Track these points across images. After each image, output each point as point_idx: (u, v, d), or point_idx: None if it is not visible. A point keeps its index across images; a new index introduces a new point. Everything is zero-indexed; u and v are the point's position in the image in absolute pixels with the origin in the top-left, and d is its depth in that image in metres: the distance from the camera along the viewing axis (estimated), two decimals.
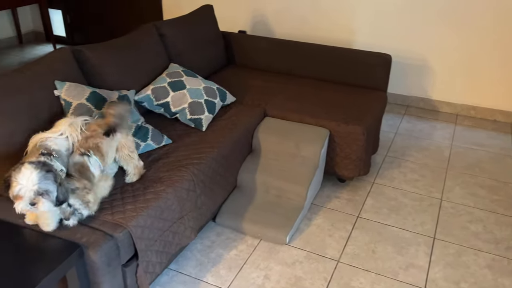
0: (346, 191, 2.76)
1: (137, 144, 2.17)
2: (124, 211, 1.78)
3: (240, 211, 2.41)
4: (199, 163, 2.14)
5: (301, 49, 3.24)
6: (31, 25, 5.61)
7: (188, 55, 2.97)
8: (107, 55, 2.38)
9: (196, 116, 2.45)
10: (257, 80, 3.14)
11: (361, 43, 3.93)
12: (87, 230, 1.67)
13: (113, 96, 2.20)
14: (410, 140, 3.40)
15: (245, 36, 3.47)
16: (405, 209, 2.61)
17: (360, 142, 2.57)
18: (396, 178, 2.91)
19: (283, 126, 2.65)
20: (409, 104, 4.01)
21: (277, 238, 2.29)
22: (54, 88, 2.05)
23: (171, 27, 2.90)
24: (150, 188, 1.92)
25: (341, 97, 2.89)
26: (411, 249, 2.31)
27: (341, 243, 2.33)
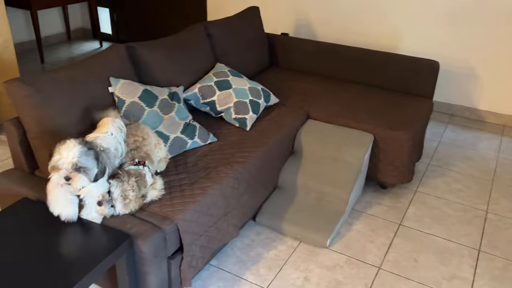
0: (387, 198, 2.72)
1: (185, 141, 2.21)
2: (172, 205, 1.82)
3: (280, 211, 2.42)
4: (244, 162, 2.17)
5: (346, 53, 3.22)
6: (80, 22, 5.81)
7: (233, 55, 3.01)
8: (158, 53, 2.44)
9: (241, 115, 2.48)
10: (300, 82, 3.15)
11: (407, 49, 3.87)
12: (137, 221, 1.72)
13: (163, 93, 2.26)
14: (454, 150, 3.32)
15: (290, 39, 3.48)
16: (448, 219, 2.55)
17: (405, 148, 2.53)
18: (440, 187, 2.85)
19: (326, 129, 2.64)
20: (453, 113, 3.92)
21: (317, 240, 2.28)
22: (108, 84, 2.13)
23: (219, 27, 2.95)
24: (197, 184, 1.96)
25: (386, 103, 2.86)
26: (454, 260, 2.25)
27: (382, 249, 2.30)
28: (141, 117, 2.11)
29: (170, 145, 2.16)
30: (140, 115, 2.11)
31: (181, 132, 2.22)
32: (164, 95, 2.26)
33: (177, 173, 2.04)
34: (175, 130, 2.20)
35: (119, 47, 2.28)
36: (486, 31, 3.54)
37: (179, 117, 2.26)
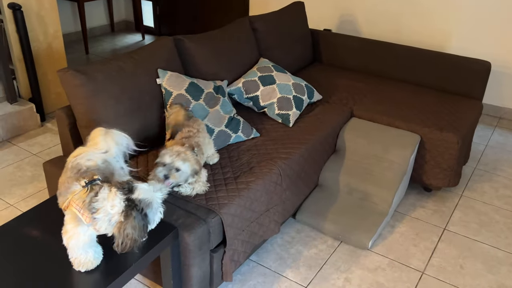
0: (432, 201, 2.64)
1: (229, 134, 2.21)
2: (217, 198, 1.82)
3: (321, 210, 2.38)
4: (287, 158, 2.15)
5: (392, 50, 3.14)
6: (123, 14, 5.92)
7: (277, 50, 2.99)
8: (205, 46, 2.45)
9: (284, 111, 2.46)
10: (344, 79, 3.09)
11: (457, 48, 3.73)
12: (182, 212, 1.73)
13: (209, 87, 2.26)
14: (502, 154, 3.19)
15: (334, 35, 3.42)
16: (496, 226, 2.45)
17: (453, 151, 2.44)
18: (487, 193, 2.74)
19: (371, 128, 2.58)
20: (501, 116, 3.76)
21: (359, 242, 2.24)
22: (156, 76, 2.15)
23: (264, 22, 2.93)
24: (241, 178, 1.95)
25: (434, 103, 2.77)
26: (503, 269, 2.16)
27: (426, 254, 2.23)
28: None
29: (214, 138, 2.16)
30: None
31: (225, 126, 2.22)
32: (210, 89, 2.26)
33: (221, 167, 2.04)
34: (219, 123, 2.20)
35: (167, 40, 2.30)
36: None
37: (224, 111, 2.26)
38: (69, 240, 1.39)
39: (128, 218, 1.31)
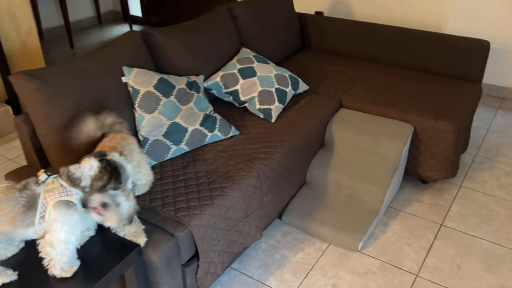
0: (428, 194, 2.48)
1: (204, 134, 2.06)
2: (187, 208, 1.68)
3: (309, 210, 2.23)
4: (267, 158, 1.99)
5: (385, 33, 2.94)
6: (110, 5, 5.73)
7: (261, 38, 2.80)
8: (178, 39, 2.27)
9: (266, 106, 2.29)
10: (334, 66, 2.90)
11: (453, 28, 3.52)
12: (147, 227, 1.59)
13: (181, 83, 2.10)
14: (505, 138, 3.00)
15: (323, 18, 3.22)
16: (497, 219, 2.29)
17: (449, 140, 2.27)
18: (488, 182, 2.57)
19: (360, 119, 2.41)
20: (504, 97, 3.56)
21: (348, 243, 2.09)
22: (122, 74, 1.99)
23: (245, 8, 2.74)
24: (216, 184, 1.80)
25: (429, 88, 2.58)
26: (504, 268, 2.01)
27: (421, 254, 2.08)
28: (157, 108, 1.97)
29: (188, 138, 2.01)
30: (155, 105, 1.97)
31: (200, 124, 2.06)
32: (182, 85, 2.10)
33: (195, 171, 1.89)
34: (193, 122, 2.04)
35: (133, 34, 2.13)
36: None
37: (198, 108, 2.10)
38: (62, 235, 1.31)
39: (105, 169, 1.35)
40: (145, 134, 1.95)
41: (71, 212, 1.33)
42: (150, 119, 1.96)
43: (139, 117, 1.96)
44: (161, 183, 1.83)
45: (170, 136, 1.97)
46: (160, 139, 1.95)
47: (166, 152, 1.97)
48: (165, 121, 1.97)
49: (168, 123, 1.97)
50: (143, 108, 1.96)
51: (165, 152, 1.97)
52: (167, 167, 1.93)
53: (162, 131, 1.96)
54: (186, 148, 2.02)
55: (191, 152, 2.03)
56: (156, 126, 1.96)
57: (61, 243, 1.31)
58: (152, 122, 1.95)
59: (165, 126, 1.97)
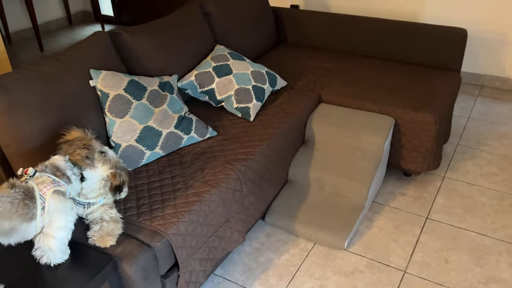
0: (412, 187, 2.44)
1: (180, 136, 1.97)
2: (164, 216, 1.59)
3: (292, 210, 2.17)
4: (246, 159, 1.92)
5: (362, 24, 2.89)
6: (80, 5, 5.55)
7: (235, 35, 2.72)
8: (148, 38, 2.18)
9: (243, 104, 2.22)
10: (311, 60, 2.84)
11: (430, 17, 3.49)
12: (122, 238, 1.50)
13: (153, 84, 2.01)
14: (485, 126, 2.99)
15: (298, 11, 3.15)
16: (482, 210, 2.27)
17: (431, 132, 2.23)
18: (471, 172, 2.55)
19: (340, 114, 2.36)
20: (483, 84, 3.56)
21: (334, 242, 2.04)
22: (89, 77, 1.88)
23: (216, 4, 2.65)
24: (193, 189, 1.72)
25: (409, 80, 2.54)
26: (491, 259, 1.98)
27: (407, 249, 2.04)
28: (128, 111, 1.87)
29: (163, 142, 1.92)
30: (127, 109, 1.87)
31: (175, 126, 1.97)
32: (154, 86, 2.01)
33: (171, 176, 1.81)
34: (168, 124, 1.95)
35: (101, 35, 2.03)
36: None
37: (173, 110, 2.01)
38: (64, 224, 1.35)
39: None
40: (116, 139, 1.85)
41: (68, 201, 1.37)
42: (122, 124, 1.86)
43: (110, 122, 1.87)
44: (135, 190, 1.74)
45: (143, 141, 1.88)
46: (133, 145, 1.86)
47: (140, 158, 1.88)
48: (137, 125, 1.88)
49: (141, 127, 1.88)
50: (114, 113, 1.86)
51: (139, 158, 1.87)
52: (142, 174, 1.84)
53: (134, 136, 1.87)
54: (161, 153, 1.93)
55: (167, 157, 1.94)
56: (128, 131, 1.86)
57: (63, 230, 1.34)
58: (124, 126, 1.86)
59: (138, 131, 1.87)
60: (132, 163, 1.86)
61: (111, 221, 1.51)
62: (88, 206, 1.53)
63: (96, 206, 1.53)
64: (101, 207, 1.54)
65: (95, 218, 1.52)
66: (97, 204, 1.53)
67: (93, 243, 1.47)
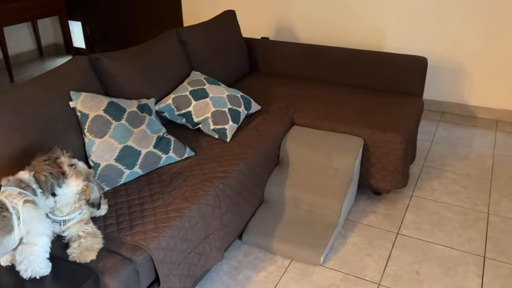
0: (382, 205, 2.54)
1: (158, 156, 2.01)
2: (144, 231, 1.61)
3: (269, 228, 2.22)
4: (225, 177, 1.97)
5: (330, 54, 3.06)
6: (52, 37, 5.58)
7: (210, 62, 2.82)
8: (126, 63, 2.24)
9: (220, 126, 2.29)
10: (283, 87, 2.96)
11: (392, 47, 3.72)
12: (104, 253, 1.51)
13: (132, 106, 2.06)
14: (448, 149, 3.17)
15: (270, 42, 3.31)
16: (449, 225, 2.38)
17: (398, 151, 2.36)
18: (437, 190, 2.68)
19: (312, 136, 2.46)
20: (444, 110, 3.77)
21: (310, 258, 2.09)
22: (69, 99, 1.92)
23: (193, 33, 2.76)
24: (173, 205, 1.75)
25: (375, 104, 2.69)
26: (459, 270, 2.07)
27: (381, 263, 2.11)
28: (107, 131, 1.91)
29: (142, 161, 1.95)
30: (106, 129, 1.91)
31: (153, 146, 2.01)
32: (133, 107, 2.06)
33: (151, 194, 1.84)
34: (147, 144, 2.00)
35: (81, 59, 2.08)
36: (472, 24, 3.40)
37: (151, 130, 2.06)
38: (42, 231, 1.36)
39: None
40: (95, 159, 1.88)
41: (41, 208, 1.39)
42: (101, 144, 1.89)
43: (89, 142, 1.89)
44: (115, 208, 1.75)
45: (122, 160, 1.91)
46: (112, 164, 1.89)
47: (119, 177, 1.90)
48: (116, 144, 1.91)
49: (120, 146, 1.92)
50: (93, 133, 1.90)
51: (118, 177, 1.90)
52: (121, 192, 1.86)
53: (113, 155, 1.90)
54: (140, 172, 1.96)
55: (146, 176, 1.97)
56: (107, 150, 1.89)
57: (43, 236, 1.36)
58: (103, 146, 1.89)
59: (117, 150, 1.90)
60: (111, 182, 1.88)
61: (89, 236, 1.51)
62: (64, 223, 1.53)
63: (72, 223, 1.54)
64: (77, 223, 1.54)
65: (72, 235, 1.52)
66: (72, 220, 1.54)
67: (73, 259, 1.47)
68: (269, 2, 4.07)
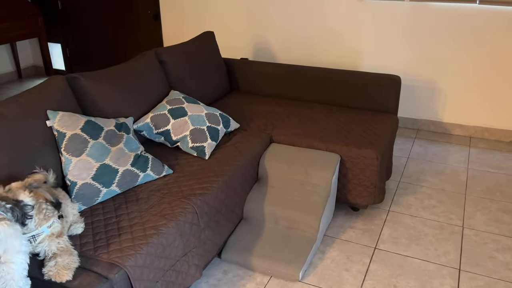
0: (360, 221, 2.57)
1: (136, 174, 2.01)
2: (121, 249, 1.61)
3: (248, 245, 2.23)
4: (203, 194, 1.98)
5: (307, 73, 3.13)
6: (31, 59, 5.56)
7: (189, 82, 2.86)
8: (104, 82, 2.26)
9: (199, 143, 2.31)
10: (262, 106, 3.01)
11: (368, 66, 3.83)
12: (79, 272, 1.50)
13: (109, 124, 2.07)
14: (423, 165, 3.24)
15: (249, 62, 3.37)
16: (425, 239, 2.42)
17: (374, 167, 2.41)
18: (413, 205, 2.73)
19: (290, 152, 2.50)
20: (419, 128, 3.87)
21: (289, 274, 2.09)
22: (46, 118, 1.92)
23: (172, 53, 2.80)
24: (150, 223, 1.75)
25: (351, 121, 2.75)
26: (435, 283, 2.11)
27: (359, 278, 2.13)
28: (84, 150, 1.91)
29: (119, 179, 1.95)
30: (83, 148, 1.91)
31: (131, 164, 2.02)
32: (111, 126, 2.07)
33: (128, 212, 1.83)
34: (124, 162, 2.00)
35: (58, 79, 2.09)
36: (444, 44, 3.53)
37: (129, 149, 2.06)
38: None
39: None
40: (72, 178, 1.87)
41: (16, 224, 1.38)
42: (78, 163, 1.89)
43: (66, 161, 1.89)
44: (92, 226, 1.74)
45: (99, 179, 1.91)
46: (89, 182, 1.88)
47: (96, 196, 1.89)
48: (93, 163, 1.91)
49: (97, 165, 1.92)
50: (70, 152, 1.89)
51: (95, 195, 1.89)
52: (98, 210, 1.85)
53: (90, 174, 1.89)
54: (117, 190, 1.96)
55: (123, 194, 1.97)
56: (85, 169, 1.89)
57: (20, 254, 1.35)
58: (80, 165, 1.89)
59: (94, 169, 1.90)
60: (88, 201, 1.87)
61: (65, 254, 1.49)
62: (34, 239, 1.50)
63: (42, 237, 1.50)
64: (48, 237, 1.51)
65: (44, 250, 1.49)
66: (41, 234, 1.50)
67: (49, 278, 1.45)
68: (248, 24, 4.16)
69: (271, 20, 4.04)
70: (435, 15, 3.47)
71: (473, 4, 3.33)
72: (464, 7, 3.37)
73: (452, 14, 3.42)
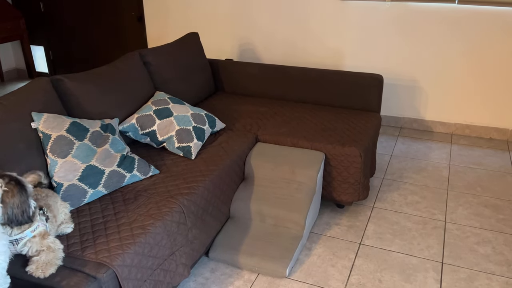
0: (345, 217, 2.62)
1: (122, 175, 2.02)
2: (108, 249, 1.61)
3: (235, 243, 2.25)
4: (189, 193, 2.00)
5: (291, 73, 3.16)
6: (13, 62, 5.50)
7: (174, 83, 2.87)
8: (89, 84, 2.26)
9: (185, 144, 2.32)
10: (247, 106, 3.04)
11: (351, 66, 3.88)
12: (67, 272, 1.50)
13: (95, 126, 2.07)
14: (406, 162, 3.30)
15: (233, 63, 3.39)
16: (409, 233, 2.47)
17: (358, 164, 2.45)
18: (397, 201, 2.79)
19: (276, 151, 2.53)
20: (402, 126, 3.94)
21: (276, 271, 2.12)
22: (31, 120, 1.92)
23: (156, 54, 2.81)
24: (137, 222, 1.76)
25: (335, 120, 2.79)
26: (419, 276, 2.16)
27: (344, 273, 2.17)
28: (70, 151, 1.91)
29: (106, 180, 1.96)
30: (69, 149, 1.91)
31: (117, 165, 2.03)
32: (96, 127, 2.07)
33: (115, 212, 1.84)
34: (110, 163, 2.01)
35: (42, 81, 2.09)
36: (423, 43, 3.61)
37: (115, 150, 2.07)
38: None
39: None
40: (58, 179, 1.87)
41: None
42: (64, 164, 1.89)
43: (52, 163, 1.89)
44: (79, 227, 1.75)
45: (86, 180, 1.91)
46: (75, 184, 1.88)
47: (82, 197, 1.90)
48: (79, 164, 1.91)
49: (83, 166, 1.92)
50: (56, 153, 1.89)
51: (82, 196, 1.90)
52: (85, 212, 1.85)
53: (77, 175, 1.90)
54: (104, 191, 1.96)
55: (110, 195, 1.98)
56: (71, 170, 1.89)
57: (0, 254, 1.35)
58: (66, 166, 1.89)
59: (80, 170, 1.91)
60: (75, 202, 1.88)
61: (49, 251, 1.48)
62: (17, 242, 1.49)
63: (25, 240, 1.49)
64: (33, 239, 1.49)
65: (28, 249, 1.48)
66: (25, 238, 1.48)
67: (32, 274, 1.44)
68: (232, 25, 4.19)
69: (255, 21, 4.08)
70: (416, 15, 3.54)
71: (452, 4, 3.41)
72: (444, 7, 3.45)
73: (432, 14, 3.50)
